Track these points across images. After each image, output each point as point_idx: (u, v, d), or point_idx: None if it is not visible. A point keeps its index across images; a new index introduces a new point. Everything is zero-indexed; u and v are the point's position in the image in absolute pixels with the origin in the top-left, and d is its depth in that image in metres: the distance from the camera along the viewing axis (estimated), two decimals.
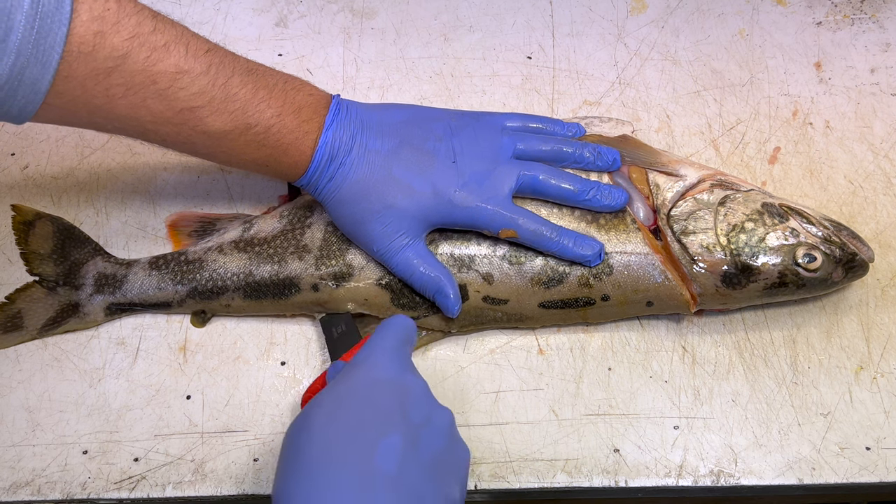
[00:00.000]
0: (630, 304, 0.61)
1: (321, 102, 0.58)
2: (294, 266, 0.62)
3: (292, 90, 0.57)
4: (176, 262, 0.64)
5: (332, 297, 0.62)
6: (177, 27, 0.52)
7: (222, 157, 0.57)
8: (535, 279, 0.60)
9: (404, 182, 0.58)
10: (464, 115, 0.63)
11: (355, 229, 0.60)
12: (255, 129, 0.55)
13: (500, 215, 0.59)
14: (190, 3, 0.82)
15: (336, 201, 0.59)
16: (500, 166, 0.60)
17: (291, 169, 0.58)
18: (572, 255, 0.60)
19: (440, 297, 0.60)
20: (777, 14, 0.80)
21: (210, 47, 0.53)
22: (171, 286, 0.63)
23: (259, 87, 0.55)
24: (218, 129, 0.54)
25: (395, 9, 0.81)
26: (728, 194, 0.62)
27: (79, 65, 0.48)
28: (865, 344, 0.63)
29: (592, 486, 0.58)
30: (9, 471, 0.59)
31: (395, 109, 0.62)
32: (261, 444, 0.60)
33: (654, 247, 0.61)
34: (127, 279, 0.63)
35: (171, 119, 0.52)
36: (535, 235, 0.59)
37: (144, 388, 0.62)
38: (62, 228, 0.65)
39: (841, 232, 0.61)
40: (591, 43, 0.79)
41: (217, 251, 0.63)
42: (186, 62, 0.51)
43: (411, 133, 0.60)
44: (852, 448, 0.59)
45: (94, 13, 0.47)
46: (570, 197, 0.61)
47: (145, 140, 0.55)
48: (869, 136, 0.73)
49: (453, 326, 0.62)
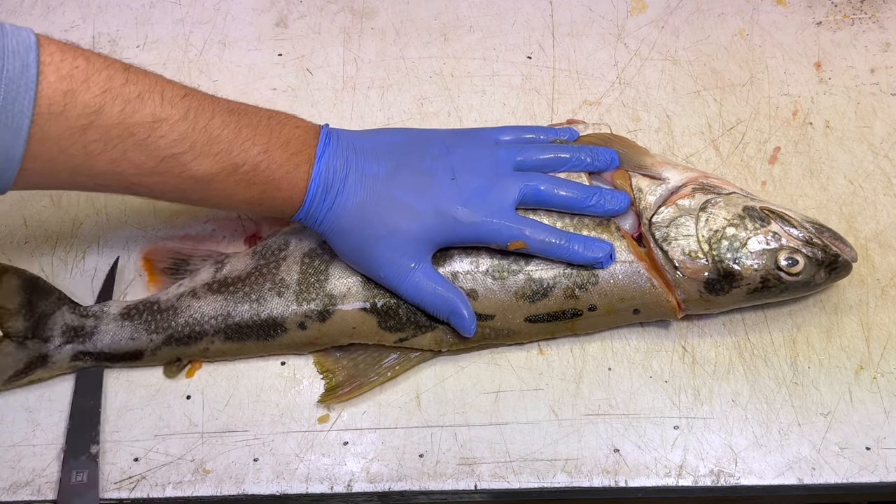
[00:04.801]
0: (617, 312, 0.61)
1: (309, 133, 0.57)
2: (275, 304, 0.61)
3: (277, 125, 0.56)
4: (149, 311, 0.62)
5: (322, 332, 0.61)
6: (150, 76, 0.51)
7: (214, 200, 0.56)
8: (520, 293, 0.60)
9: (406, 204, 0.57)
10: (456, 132, 0.63)
11: (360, 257, 0.59)
12: (243, 168, 0.54)
13: (506, 228, 0.58)
14: (190, 3, 0.82)
15: (338, 231, 0.58)
16: (501, 180, 0.59)
17: (287, 203, 0.57)
18: (583, 260, 0.59)
19: (455, 318, 0.59)
20: (777, 14, 0.80)
21: (187, 92, 0.52)
22: (146, 335, 0.61)
23: (242, 125, 0.54)
24: (204, 172, 0.53)
25: (395, 9, 0.81)
26: (709, 199, 0.61)
27: (51, 126, 0.47)
28: (865, 344, 0.63)
29: (592, 486, 0.58)
30: (9, 471, 0.59)
31: (386, 133, 0.61)
32: (261, 444, 0.60)
33: (639, 254, 0.61)
34: (97, 330, 0.61)
35: (155, 169, 0.51)
36: (545, 244, 0.59)
37: (144, 388, 0.62)
38: (27, 280, 0.63)
39: (823, 234, 0.60)
40: (591, 43, 0.79)
41: (190, 296, 0.62)
42: (163, 110, 0.50)
43: (407, 154, 0.59)
44: (852, 448, 0.59)
45: (62, 73, 0.47)
46: (574, 204, 0.60)
47: (135, 195, 0.54)
48: (869, 136, 0.73)
49: (443, 346, 0.62)
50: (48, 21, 0.80)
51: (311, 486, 0.58)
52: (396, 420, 0.61)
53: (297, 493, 0.58)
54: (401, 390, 0.62)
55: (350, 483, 0.58)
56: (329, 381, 0.62)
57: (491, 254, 0.61)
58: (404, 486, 0.58)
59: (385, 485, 0.58)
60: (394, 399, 0.62)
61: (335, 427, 0.61)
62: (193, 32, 0.80)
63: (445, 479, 0.58)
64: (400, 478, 0.58)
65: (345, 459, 0.59)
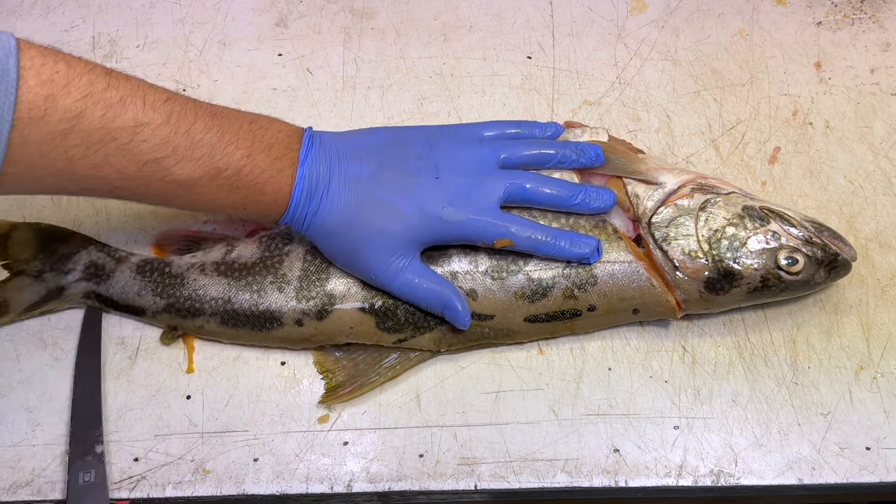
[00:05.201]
0: (617, 312, 0.61)
1: (292, 137, 0.57)
2: (274, 298, 0.61)
3: (260, 129, 0.56)
4: (160, 271, 0.63)
5: (319, 330, 0.61)
6: (132, 80, 0.51)
7: (198, 205, 0.56)
8: (519, 293, 0.60)
9: (390, 205, 0.57)
10: (440, 129, 0.63)
11: (349, 259, 0.59)
12: (226, 172, 0.54)
13: (492, 225, 0.58)
14: (190, 3, 0.82)
15: (325, 235, 0.58)
16: (486, 178, 0.59)
17: (271, 208, 0.57)
18: (570, 255, 0.59)
19: (449, 312, 0.59)
20: (777, 14, 0.80)
21: (169, 96, 0.52)
22: (150, 297, 0.62)
23: (225, 129, 0.54)
24: (186, 176, 0.53)
25: (395, 9, 0.81)
26: (709, 198, 0.61)
27: (31, 130, 0.47)
28: (865, 344, 0.63)
29: (592, 486, 0.58)
30: (9, 471, 0.59)
31: (368, 134, 0.61)
32: (261, 444, 0.60)
33: (637, 254, 0.61)
34: (114, 275, 0.63)
35: (137, 173, 0.51)
36: (532, 241, 0.59)
37: (144, 388, 0.62)
38: (42, 230, 0.65)
39: (822, 233, 0.61)
40: (591, 43, 0.79)
41: (199, 270, 0.63)
42: (145, 114, 0.50)
43: (389, 155, 0.59)
44: (852, 448, 0.59)
45: (43, 77, 0.47)
46: (560, 202, 0.60)
47: (119, 198, 0.54)
48: (869, 136, 0.73)
49: (442, 346, 0.62)
50: (48, 21, 0.80)
51: (311, 486, 0.58)
52: (396, 420, 0.61)
53: (297, 493, 0.58)
54: (401, 390, 0.62)
55: (350, 483, 0.58)
56: (329, 381, 0.62)
57: (490, 254, 0.61)
58: (404, 486, 0.58)
59: (385, 485, 0.58)
60: (394, 399, 0.62)
61: (335, 427, 0.61)
62: (193, 32, 0.80)
63: (445, 479, 0.58)
64: (400, 478, 0.58)
65: (345, 459, 0.59)
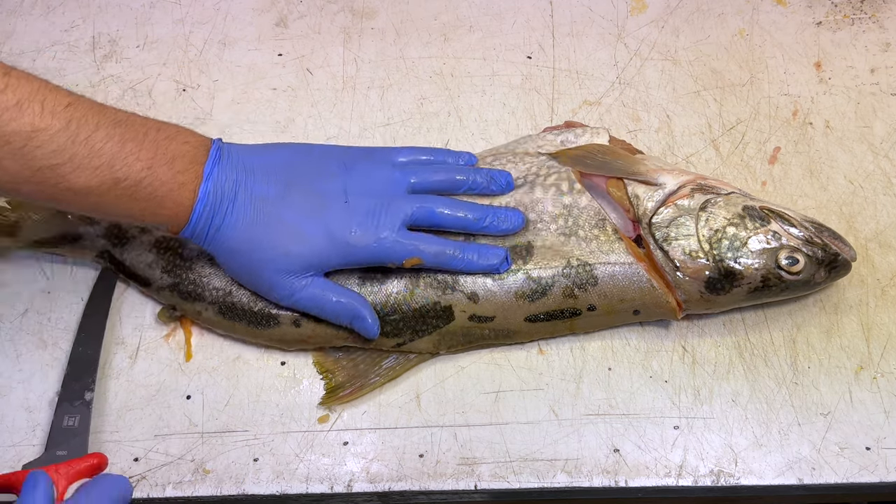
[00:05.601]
0: (617, 313, 0.61)
1: (199, 150, 0.56)
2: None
3: (165, 139, 0.55)
4: (174, 251, 0.63)
5: (316, 332, 0.61)
6: (33, 83, 0.50)
7: (95, 212, 0.55)
8: (519, 293, 0.60)
9: (296, 227, 0.57)
10: (357, 151, 0.62)
11: (251, 279, 0.59)
12: (125, 182, 0.52)
13: (399, 245, 0.58)
14: (190, 3, 0.82)
15: (226, 251, 0.58)
16: (395, 201, 0.59)
17: (171, 221, 0.56)
18: (479, 268, 0.59)
19: (357, 322, 0.59)
20: (777, 14, 0.80)
21: (71, 101, 0.51)
22: (159, 272, 0.63)
23: (127, 139, 0.52)
24: (82, 185, 0.51)
25: (395, 9, 0.81)
26: (709, 198, 0.61)
27: None
28: (865, 344, 0.63)
29: (592, 486, 0.58)
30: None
31: (283, 150, 0.61)
32: (261, 444, 0.60)
33: (638, 255, 0.61)
34: (133, 242, 0.64)
35: (30, 178, 0.50)
36: (439, 256, 0.58)
37: (144, 388, 0.62)
38: None
39: (822, 233, 0.61)
40: (591, 43, 0.79)
41: (208, 259, 0.62)
42: (42, 120, 0.49)
43: (300, 174, 0.59)
44: (852, 448, 0.59)
45: None
46: (469, 225, 0.60)
47: (11, 197, 0.53)
48: (869, 136, 0.73)
49: (441, 348, 0.62)
50: (48, 21, 0.80)
51: (311, 486, 0.58)
52: (396, 420, 0.61)
53: (297, 493, 0.58)
54: (401, 390, 0.62)
55: (350, 483, 0.58)
56: (329, 381, 0.62)
57: None
58: (404, 486, 0.58)
59: (385, 485, 0.58)
60: (394, 399, 0.62)
61: (335, 427, 0.61)
62: (193, 32, 0.80)
63: (445, 479, 0.58)
64: (400, 478, 0.58)
65: (345, 459, 0.59)
